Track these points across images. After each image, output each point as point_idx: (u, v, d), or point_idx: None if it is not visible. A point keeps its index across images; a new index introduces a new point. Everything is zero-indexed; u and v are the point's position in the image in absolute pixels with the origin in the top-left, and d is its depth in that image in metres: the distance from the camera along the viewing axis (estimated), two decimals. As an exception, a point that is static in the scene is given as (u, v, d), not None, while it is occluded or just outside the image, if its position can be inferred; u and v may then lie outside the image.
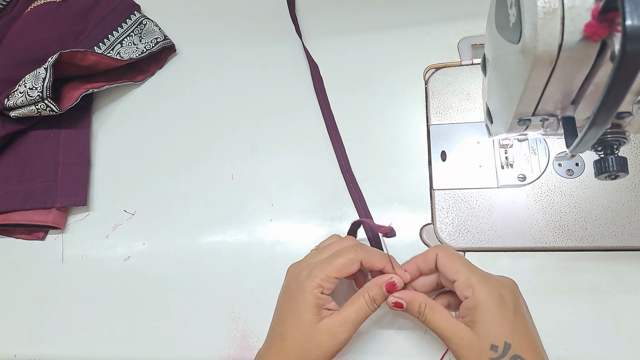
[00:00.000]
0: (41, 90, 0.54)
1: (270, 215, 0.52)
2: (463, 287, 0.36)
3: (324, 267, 0.38)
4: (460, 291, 0.36)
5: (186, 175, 0.56)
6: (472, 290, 0.35)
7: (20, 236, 0.58)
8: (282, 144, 0.55)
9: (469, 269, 0.36)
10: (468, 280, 0.36)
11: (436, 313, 0.37)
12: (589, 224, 0.44)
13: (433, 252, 0.39)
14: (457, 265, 0.37)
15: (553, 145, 0.47)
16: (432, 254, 0.39)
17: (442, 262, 0.38)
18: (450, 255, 0.38)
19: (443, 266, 0.38)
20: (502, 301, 0.35)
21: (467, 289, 0.35)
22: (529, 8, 0.24)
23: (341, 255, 0.38)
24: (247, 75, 0.59)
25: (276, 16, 0.61)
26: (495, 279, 0.36)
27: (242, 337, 0.48)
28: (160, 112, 0.60)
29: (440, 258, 0.38)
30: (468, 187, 0.47)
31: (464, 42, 0.53)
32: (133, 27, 0.63)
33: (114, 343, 0.50)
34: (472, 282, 0.35)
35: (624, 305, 0.42)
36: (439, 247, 0.39)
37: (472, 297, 0.35)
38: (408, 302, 0.38)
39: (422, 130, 0.51)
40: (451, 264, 0.37)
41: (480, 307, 0.34)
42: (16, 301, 0.55)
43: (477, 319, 0.34)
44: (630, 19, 0.20)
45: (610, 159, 0.30)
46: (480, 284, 0.35)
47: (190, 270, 0.52)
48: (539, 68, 0.26)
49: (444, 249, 0.39)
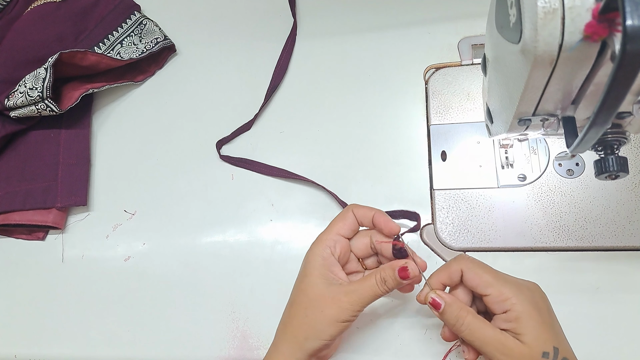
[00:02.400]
0: (41, 90, 0.54)
1: (270, 215, 0.52)
2: (498, 300, 0.35)
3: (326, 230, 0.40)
4: (496, 305, 0.35)
5: (186, 175, 0.56)
6: (510, 303, 0.34)
7: (20, 236, 0.58)
8: (282, 144, 0.55)
9: (499, 280, 0.35)
10: (502, 294, 0.34)
11: (481, 322, 0.35)
12: (589, 224, 0.44)
13: (457, 267, 0.37)
14: (487, 278, 0.35)
15: (553, 145, 0.47)
16: (456, 268, 0.37)
17: (469, 277, 0.36)
18: (476, 268, 0.36)
19: (471, 281, 0.36)
20: (539, 308, 0.34)
21: (503, 303, 0.34)
22: (529, 8, 0.24)
23: (337, 216, 0.41)
24: (247, 75, 0.59)
25: (276, 16, 0.61)
26: (525, 286, 0.36)
27: (242, 337, 0.48)
28: (160, 112, 0.60)
29: (466, 273, 0.36)
30: (468, 187, 0.47)
31: (464, 42, 0.53)
32: (133, 27, 0.63)
33: (114, 343, 0.50)
34: (507, 294, 0.34)
35: (624, 305, 0.42)
36: (461, 260, 0.37)
37: (512, 309, 0.34)
38: (448, 304, 0.36)
39: (422, 130, 0.51)
40: (479, 278, 0.36)
41: (523, 317, 0.34)
42: (16, 301, 0.55)
43: (522, 329, 0.33)
44: (631, 19, 0.20)
45: (611, 159, 0.30)
46: (516, 295, 0.34)
47: (190, 270, 0.52)
48: (539, 68, 0.26)
49: (467, 261, 0.37)
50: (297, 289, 0.40)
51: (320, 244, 0.39)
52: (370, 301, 0.37)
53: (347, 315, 0.37)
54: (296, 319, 0.38)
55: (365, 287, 0.37)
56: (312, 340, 0.37)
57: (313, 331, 0.37)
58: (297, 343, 0.37)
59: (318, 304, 0.37)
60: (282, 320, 0.40)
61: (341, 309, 0.36)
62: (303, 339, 0.37)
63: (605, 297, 0.42)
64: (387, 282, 0.37)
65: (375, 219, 0.40)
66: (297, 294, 0.39)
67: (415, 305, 0.45)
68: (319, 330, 0.37)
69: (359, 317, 0.45)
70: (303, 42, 0.59)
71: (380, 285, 0.37)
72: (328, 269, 0.38)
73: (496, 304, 0.35)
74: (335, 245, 0.39)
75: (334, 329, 0.37)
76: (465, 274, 0.37)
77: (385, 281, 0.37)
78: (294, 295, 0.40)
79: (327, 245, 0.39)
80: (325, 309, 0.37)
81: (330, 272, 0.39)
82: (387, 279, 0.37)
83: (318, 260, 0.39)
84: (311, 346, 0.37)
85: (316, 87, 0.56)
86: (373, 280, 0.37)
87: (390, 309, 0.45)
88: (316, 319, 0.37)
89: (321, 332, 0.37)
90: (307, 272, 0.39)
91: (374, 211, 0.40)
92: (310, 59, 0.58)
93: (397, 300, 0.45)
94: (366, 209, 0.40)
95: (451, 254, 0.46)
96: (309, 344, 0.37)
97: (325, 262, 0.39)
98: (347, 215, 0.40)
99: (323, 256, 0.39)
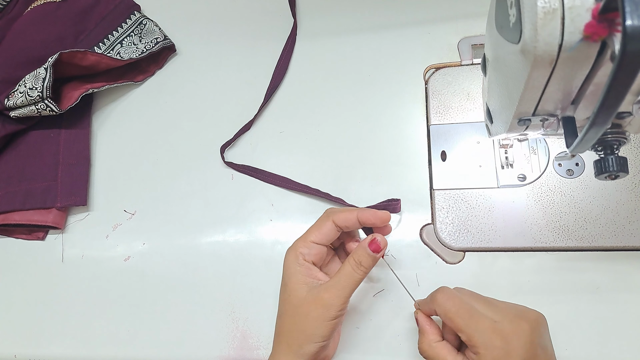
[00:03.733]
0: (41, 90, 0.54)
1: (270, 215, 0.52)
2: (469, 345, 0.34)
3: (302, 237, 0.40)
4: (467, 346, 0.35)
5: (186, 175, 0.56)
6: (476, 351, 0.34)
7: (20, 236, 0.58)
8: (282, 144, 0.55)
9: (469, 326, 0.34)
10: (470, 340, 0.34)
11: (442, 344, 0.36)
12: (589, 224, 0.44)
13: (432, 307, 0.37)
14: (457, 324, 0.35)
15: (553, 145, 0.47)
16: (432, 308, 0.37)
17: (443, 319, 0.36)
18: (449, 312, 0.35)
19: (446, 321, 0.36)
20: (509, 357, 0.33)
21: (472, 348, 0.34)
22: (529, 8, 0.24)
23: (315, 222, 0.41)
24: (247, 75, 0.59)
25: (276, 16, 0.61)
26: (500, 334, 0.34)
27: (242, 337, 0.48)
28: (160, 112, 0.60)
29: (439, 315, 0.36)
30: (468, 187, 0.47)
31: (464, 42, 0.53)
32: (133, 27, 0.63)
33: (114, 343, 0.50)
34: (475, 342, 0.34)
35: (624, 305, 0.42)
36: (439, 298, 0.36)
37: (478, 357, 0.34)
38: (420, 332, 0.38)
39: (422, 130, 0.51)
40: (450, 322, 0.35)
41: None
42: (16, 301, 0.55)
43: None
44: (630, 19, 0.20)
45: (610, 159, 0.30)
46: (484, 347, 0.33)
47: (190, 270, 0.52)
48: (539, 68, 0.26)
49: (442, 301, 0.36)
50: (281, 299, 0.40)
51: (293, 252, 0.40)
52: (353, 289, 0.37)
53: (334, 312, 0.37)
54: (286, 328, 0.38)
55: (343, 277, 0.37)
56: (307, 346, 0.37)
57: (305, 336, 0.37)
58: (293, 351, 0.37)
59: (302, 310, 0.37)
60: (276, 332, 0.40)
61: (326, 307, 0.36)
62: (297, 347, 0.37)
63: (605, 297, 0.42)
64: (362, 262, 0.37)
65: (361, 217, 0.39)
66: (282, 304, 0.40)
67: (415, 305, 0.45)
68: (310, 335, 0.37)
69: (359, 317, 0.45)
70: (303, 42, 0.59)
71: (357, 268, 0.37)
72: (305, 274, 0.39)
73: (469, 347, 0.35)
74: (309, 253, 0.39)
75: (325, 329, 0.37)
76: (439, 315, 0.36)
77: (361, 262, 0.37)
78: (280, 306, 0.40)
79: (300, 253, 0.39)
80: (310, 312, 0.37)
81: (308, 276, 0.39)
82: (362, 259, 0.37)
83: (294, 267, 0.39)
84: (307, 351, 0.37)
85: (316, 87, 0.56)
86: (349, 267, 0.37)
87: (390, 309, 0.45)
88: (305, 324, 0.37)
89: (313, 336, 0.37)
90: (286, 281, 0.39)
91: (356, 211, 0.40)
92: (310, 59, 0.58)
93: (397, 300, 0.45)
94: (347, 213, 0.40)
95: (451, 253, 0.46)
96: (304, 350, 0.37)
97: (301, 269, 0.39)
98: (323, 225, 0.40)
99: (298, 263, 0.39)
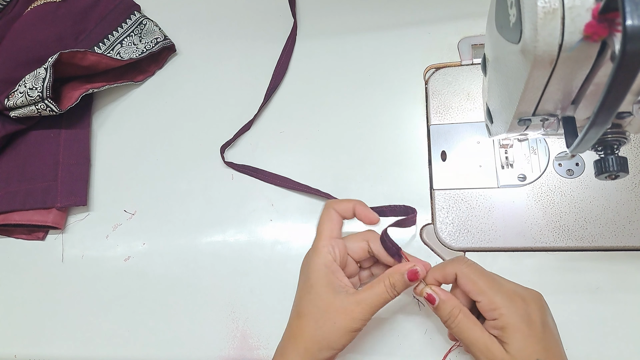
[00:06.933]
0: (41, 90, 0.54)
1: (270, 215, 0.52)
2: (488, 309, 0.35)
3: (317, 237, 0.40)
4: (486, 312, 0.35)
5: (186, 175, 0.56)
6: (498, 313, 0.34)
7: (20, 236, 0.58)
8: (282, 144, 0.55)
9: (491, 288, 0.35)
10: (492, 302, 0.35)
11: (471, 323, 0.36)
12: (589, 224, 0.44)
13: (452, 270, 0.37)
14: (479, 285, 0.35)
15: (553, 145, 0.47)
16: (451, 271, 0.37)
17: (462, 282, 0.37)
18: (470, 274, 0.36)
19: (463, 286, 0.36)
20: (530, 320, 0.34)
21: (492, 312, 0.35)
22: (529, 8, 0.24)
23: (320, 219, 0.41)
24: (247, 75, 0.59)
25: (276, 16, 0.61)
26: (519, 295, 0.35)
27: (242, 337, 0.48)
28: (160, 112, 0.60)
29: (459, 277, 0.37)
30: (468, 187, 0.47)
31: (464, 42, 0.53)
32: (133, 27, 0.63)
33: (114, 343, 0.50)
34: (497, 304, 0.34)
35: (624, 305, 0.42)
36: (457, 263, 0.37)
37: (500, 319, 0.34)
38: (442, 301, 0.37)
39: (422, 130, 0.51)
40: (472, 284, 0.36)
41: (510, 328, 0.34)
42: (16, 301, 0.55)
43: (508, 339, 0.34)
44: (631, 19, 0.20)
45: (611, 159, 0.30)
46: (506, 306, 0.34)
47: (190, 270, 0.52)
48: (539, 68, 0.26)
49: (462, 265, 0.37)
50: (304, 300, 0.39)
51: (320, 252, 0.39)
52: (380, 307, 0.38)
53: (359, 325, 0.37)
54: (307, 331, 0.38)
55: (375, 294, 0.38)
56: (326, 351, 0.37)
57: (326, 342, 0.37)
58: (310, 354, 0.37)
59: (329, 316, 0.37)
60: (292, 333, 0.39)
61: (354, 319, 0.37)
62: (317, 351, 0.37)
63: (605, 297, 0.42)
64: (396, 286, 0.38)
65: (357, 210, 0.41)
66: (305, 306, 0.39)
67: (416, 305, 0.45)
68: (333, 341, 0.37)
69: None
70: (303, 42, 0.59)
71: (390, 290, 0.38)
72: (333, 276, 0.38)
73: (486, 312, 0.35)
74: (334, 250, 0.39)
75: (347, 339, 0.37)
76: (459, 278, 0.37)
77: (395, 286, 0.38)
78: (301, 307, 0.39)
79: (327, 252, 0.39)
80: (337, 320, 0.37)
81: (336, 278, 0.39)
82: (397, 284, 0.38)
83: (322, 270, 0.39)
84: (324, 356, 0.37)
85: (316, 87, 0.56)
86: (382, 287, 0.38)
87: (390, 309, 0.45)
88: (329, 331, 0.37)
89: (334, 343, 0.37)
90: (312, 283, 0.39)
91: (353, 202, 0.41)
92: (310, 59, 0.58)
93: (397, 300, 0.45)
94: (345, 202, 0.41)
95: (451, 254, 0.46)
96: (322, 355, 0.37)
97: (329, 270, 0.39)
98: (331, 215, 0.41)
99: (326, 264, 0.39)
